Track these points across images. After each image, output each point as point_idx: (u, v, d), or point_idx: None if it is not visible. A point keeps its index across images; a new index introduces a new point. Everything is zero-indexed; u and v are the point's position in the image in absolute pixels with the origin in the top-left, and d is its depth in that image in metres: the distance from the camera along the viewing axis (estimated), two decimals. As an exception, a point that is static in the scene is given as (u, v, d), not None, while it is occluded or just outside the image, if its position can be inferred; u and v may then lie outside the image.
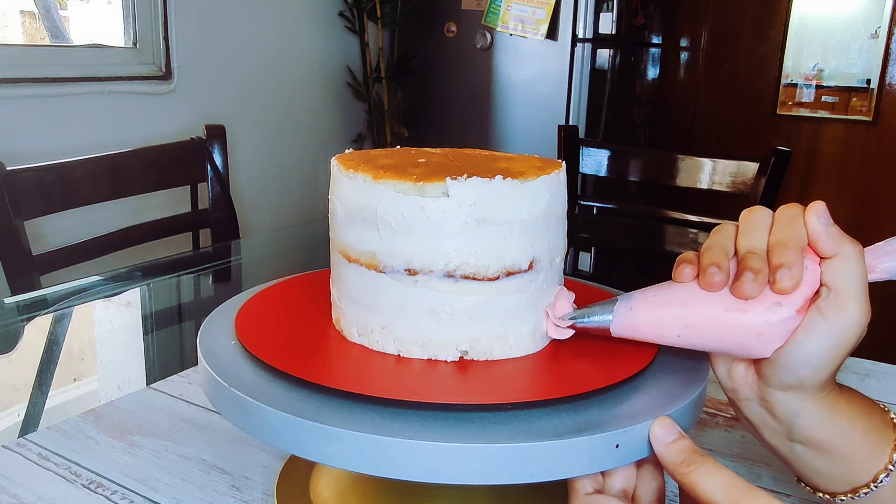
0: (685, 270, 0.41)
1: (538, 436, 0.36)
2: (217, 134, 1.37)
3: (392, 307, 0.43)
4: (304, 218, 2.54)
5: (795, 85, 2.86)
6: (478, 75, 2.55)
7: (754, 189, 1.36)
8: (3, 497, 0.50)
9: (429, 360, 0.43)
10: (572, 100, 2.41)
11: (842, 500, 0.43)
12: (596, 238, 1.52)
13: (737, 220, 0.43)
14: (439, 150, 0.50)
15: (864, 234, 0.42)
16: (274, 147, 2.46)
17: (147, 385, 0.68)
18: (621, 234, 1.58)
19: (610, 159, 1.55)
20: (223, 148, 1.37)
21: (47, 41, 1.95)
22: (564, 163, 0.46)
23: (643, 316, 0.42)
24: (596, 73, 2.44)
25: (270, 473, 0.54)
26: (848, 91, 2.77)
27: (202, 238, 1.41)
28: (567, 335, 0.46)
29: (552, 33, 2.37)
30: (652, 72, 2.97)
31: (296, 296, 0.54)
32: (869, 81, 2.73)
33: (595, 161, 1.56)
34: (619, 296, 0.44)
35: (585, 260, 1.38)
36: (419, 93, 2.69)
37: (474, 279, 0.42)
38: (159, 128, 2.03)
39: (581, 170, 1.56)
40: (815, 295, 0.40)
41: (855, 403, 0.43)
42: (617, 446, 0.37)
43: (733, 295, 0.40)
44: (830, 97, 2.80)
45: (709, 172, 1.44)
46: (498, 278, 0.42)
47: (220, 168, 1.36)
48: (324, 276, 0.50)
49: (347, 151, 0.48)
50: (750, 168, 1.38)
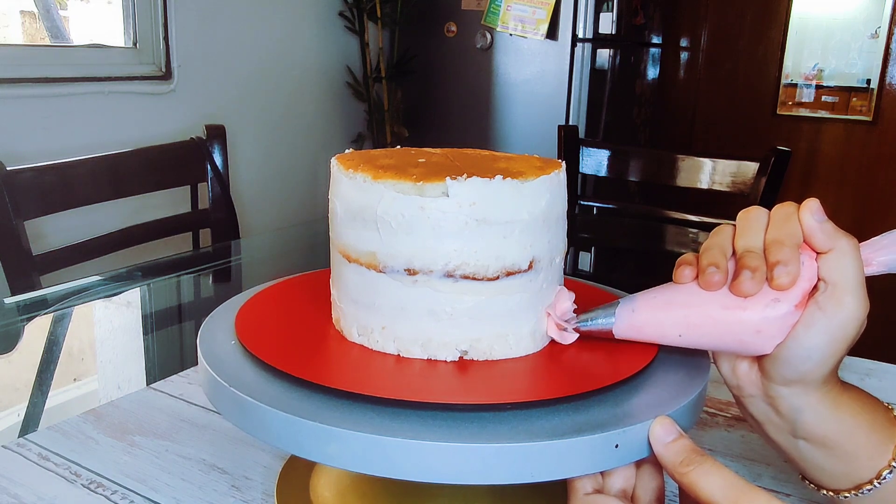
0: (685, 271, 0.42)
1: (538, 436, 0.36)
2: (217, 134, 1.37)
3: (392, 307, 0.43)
4: (304, 218, 2.54)
5: (795, 85, 2.86)
6: (478, 75, 2.55)
7: (754, 189, 1.36)
8: (3, 497, 0.50)
9: (429, 360, 0.43)
10: (572, 100, 2.41)
11: (845, 497, 0.43)
12: (596, 238, 1.52)
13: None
14: (439, 150, 0.50)
15: (865, 234, 0.43)
16: (274, 147, 2.46)
17: (147, 385, 0.68)
18: (621, 234, 1.58)
19: (610, 159, 1.55)
20: (223, 148, 1.37)
21: (47, 41, 1.95)
22: (564, 163, 0.46)
23: (645, 317, 0.43)
24: (596, 73, 2.44)
25: (270, 473, 0.54)
26: (848, 91, 2.77)
27: (202, 238, 1.41)
28: (569, 340, 0.46)
29: (552, 33, 2.37)
30: (652, 72, 2.97)
31: (296, 296, 0.54)
32: (869, 81, 2.73)
33: (595, 161, 1.56)
34: (621, 299, 0.44)
35: (585, 260, 1.39)
36: (419, 93, 2.69)
37: (474, 279, 0.42)
38: (159, 128, 2.03)
39: (581, 170, 1.56)
40: (814, 290, 0.40)
41: (858, 400, 0.43)
42: (616, 446, 0.37)
43: (732, 293, 0.40)
44: (830, 97, 2.80)
45: (709, 172, 1.44)
46: (498, 278, 0.42)
47: (220, 168, 1.36)
48: (324, 276, 0.50)
49: (347, 151, 0.48)
50: (750, 168, 1.38)
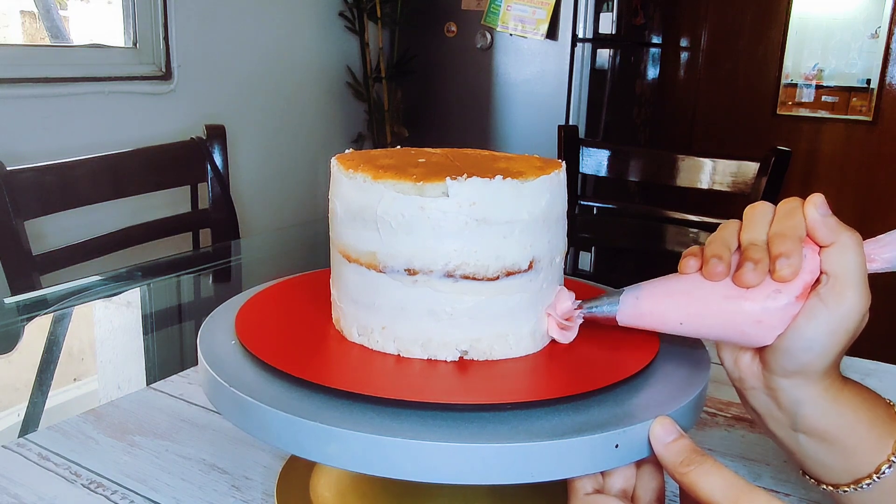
0: (689, 262, 0.43)
1: (538, 436, 0.36)
2: (217, 134, 1.37)
3: (392, 307, 0.43)
4: (304, 218, 2.54)
5: (795, 85, 2.86)
6: (478, 75, 2.55)
7: (755, 189, 1.36)
8: (3, 497, 0.50)
9: (429, 360, 0.43)
10: (572, 100, 2.41)
11: (844, 492, 0.43)
12: (596, 238, 1.52)
13: (740, 219, 0.44)
14: (439, 150, 0.50)
15: (865, 234, 0.43)
16: (274, 147, 2.45)
17: (147, 385, 0.68)
18: (621, 234, 1.58)
19: (610, 159, 1.55)
20: (223, 148, 1.37)
21: (47, 41, 1.95)
22: (564, 163, 0.46)
23: (648, 305, 0.43)
24: (596, 73, 2.44)
25: (270, 473, 0.54)
26: (848, 91, 2.77)
27: (202, 238, 1.41)
28: (568, 339, 0.46)
29: (552, 33, 2.37)
30: (652, 72, 2.97)
31: (296, 296, 0.54)
32: (869, 81, 2.73)
33: (595, 161, 1.56)
34: (626, 287, 0.45)
35: (585, 260, 1.39)
36: (419, 93, 2.69)
37: (474, 279, 0.42)
38: (159, 128, 2.03)
39: (581, 170, 1.56)
40: (816, 283, 0.40)
41: (859, 395, 0.43)
42: (617, 446, 0.37)
43: (735, 284, 0.41)
44: (830, 97, 2.80)
45: (709, 172, 1.44)
46: (498, 278, 0.42)
47: (220, 168, 1.36)
48: (324, 276, 0.50)
49: (347, 151, 0.48)
50: (750, 168, 1.38)
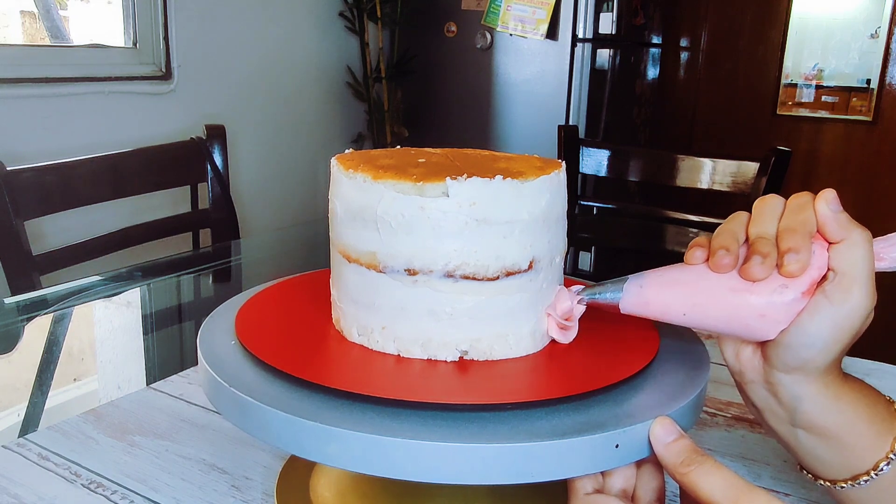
0: (696, 253, 0.42)
1: (538, 436, 0.36)
2: (217, 134, 1.37)
3: (392, 307, 0.43)
4: (304, 218, 2.54)
5: (795, 85, 2.86)
6: (478, 75, 2.55)
7: (755, 189, 1.36)
8: (3, 497, 0.50)
9: (429, 360, 0.43)
10: (572, 100, 2.41)
11: (842, 488, 0.43)
12: (596, 238, 1.52)
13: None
14: (439, 150, 0.50)
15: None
16: (274, 147, 2.45)
17: (147, 385, 0.68)
18: (621, 234, 1.58)
19: (610, 159, 1.55)
20: (223, 148, 1.37)
21: (47, 41, 1.95)
22: (564, 163, 0.46)
23: (652, 294, 0.43)
24: (596, 73, 2.44)
25: (270, 473, 0.54)
26: (848, 91, 2.77)
27: (202, 238, 1.41)
28: (568, 339, 0.46)
29: (552, 33, 2.37)
30: (652, 72, 2.97)
31: (296, 296, 0.54)
32: (869, 81, 2.73)
33: (595, 161, 1.56)
34: (631, 275, 0.44)
35: (585, 260, 1.39)
36: (419, 93, 2.69)
37: (474, 279, 0.42)
38: (159, 128, 2.03)
39: (581, 170, 1.56)
40: (822, 279, 0.40)
41: (859, 392, 0.43)
42: (617, 446, 0.37)
43: (742, 277, 0.41)
44: (830, 97, 2.80)
45: (709, 172, 1.44)
46: (498, 278, 0.42)
47: (220, 168, 1.36)
48: (324, 276, 0.50)
49: (347, 151, 0.48)
50: (750, 168, 1.38)
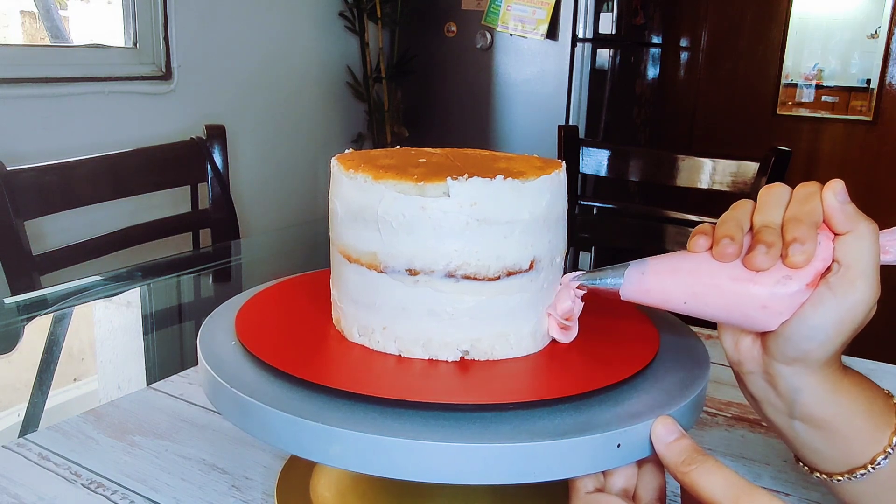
0: (699, 241, 0.42)
1: (539, 435, 0.36)
2: (217, 134, 1.37)
3: (393, 307, 0.43)
4: (304, 218, 2.54)
5: (795, 85, 2.86)
6: (478, 75, 2.55)
7: (755, 189, 1.36)
8: (3, 497, 0.50)
9: (430, 360, 0.43)
10: (572, 100, 2.41)
11: (838, 480, 0.43)
12: (596, 238, 1.52)
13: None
14: (439, 150, 0.50)
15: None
16: (274, 147, 2.45)
17: (147, 385, 0.68)
18: (621, 234, 1.58)
19: (610, 159, 1.55)
20: (223, 148, 1.37)
21: (47, 41, 1.95)
22: (564, 163, 0.46)
23: (653, 281, 0.42)
24: (596, 73, 2.44)
25: (270, 473, 0.54)
26: (848, 91, 2.77)
27: (202, 238, 1.41)
28: (569, 338, 0.46)
29: (552, 33, 2.37)
30: (652, 72, 2.97)
31: (296, 296, 0.54)
32: (869, 81, 2.73)
33: (595, 161, 1.56)
34: (632, 261, 0.44)
35: (585, 260, 1.39)
36: (419, 93, 2.69)
37: (475, 279, 0.42)
38: (159, 128, 2.03)
39: (581, 170, 1.56)
40: (827, 270, 0.40)
41: (858, 385, 0.43)
42: (618, 446, 0.37)
43: (745, 267, 0.40)
44: (830, 97, 2.80)
45: (709, 172, 1.44)
46: (499, 278, 0.42)
47: (220, 168, 1.36)
48: (324, 276, 0.50)
49: (347, 151, 0.48)
50: (750, 168, 1.38)
